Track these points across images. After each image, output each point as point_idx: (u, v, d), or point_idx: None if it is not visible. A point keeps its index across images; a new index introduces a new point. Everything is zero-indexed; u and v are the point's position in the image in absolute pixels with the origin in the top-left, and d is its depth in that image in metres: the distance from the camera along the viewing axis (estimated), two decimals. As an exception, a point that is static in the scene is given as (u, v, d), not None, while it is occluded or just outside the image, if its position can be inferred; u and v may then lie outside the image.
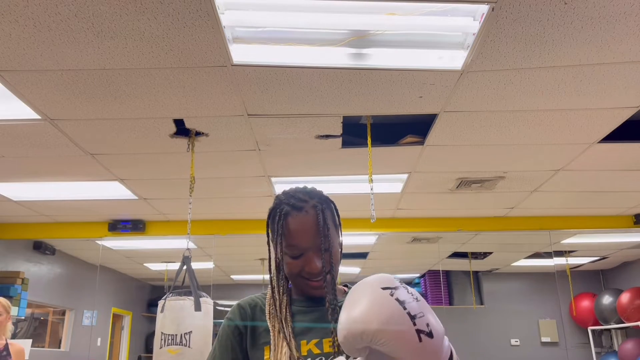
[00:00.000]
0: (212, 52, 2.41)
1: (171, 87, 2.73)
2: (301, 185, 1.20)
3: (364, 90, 2.79)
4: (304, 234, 1.10)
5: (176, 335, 2.61)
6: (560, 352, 7.74)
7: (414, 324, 0.86)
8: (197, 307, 2.68)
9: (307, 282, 1.12)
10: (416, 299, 0.90)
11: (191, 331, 2.62)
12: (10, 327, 3.36)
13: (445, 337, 0.91)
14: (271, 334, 1.11)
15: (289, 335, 1.09)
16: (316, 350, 1.08)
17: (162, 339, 2.64)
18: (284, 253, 1.12)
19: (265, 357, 1.10)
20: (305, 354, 1.08)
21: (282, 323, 1.11)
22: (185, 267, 2.96)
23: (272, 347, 1.09)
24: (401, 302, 0.88)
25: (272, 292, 1.16)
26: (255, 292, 1.25)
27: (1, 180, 4.13)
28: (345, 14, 2.25)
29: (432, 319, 0.89)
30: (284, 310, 1.13)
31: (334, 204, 1.19)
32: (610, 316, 7.15)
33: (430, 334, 0.87)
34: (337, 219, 1.18)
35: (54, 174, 4.02)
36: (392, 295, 0.89)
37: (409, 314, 0.86)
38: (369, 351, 0.89)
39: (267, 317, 1.14)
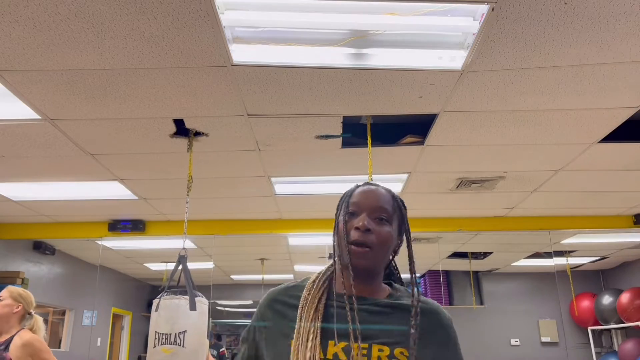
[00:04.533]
0: (212, 52, 2.41)
1: (171, 87, 2.73)
2: None
3: (364, 90, 2.79)
4: (366, 198, 1.12)
5: (170, 334, 2.59)
6: (560, 352, 7.74)
7: None
8: (192, 307, 2.66)
9: (351, 247, 1.07)
10: None
11: (185, 331, 2.60)
12: (37, 324, 2.99)
13: None
14: (297, 325, 1.05)
15: (317, 330, 1.03)
16: (342, 356, 1.01)
17: (156, 338, 2.61)
18: (345, 212, 1.12)
19: (291, 354, 1.04)
20: (331, 357, 1.01)
21: (313, 312, 1.06)
22: (180, 267, 2.95)
23: (295, 340, 1.04)
24: None
25: (319, 274, 1.15)
26: (255, 292, 1.24)
27: (1, 180, 4.13)
28: (345, 14, 2.25)
29: None
30: (319, 296, 1.10)
31: (405, 208, 1.19)
32: (610, 316, 7.15)
33: None
34: (405, 221, 1.17)
35: (54, 174, 4.02)
36: None
37: None
38: None
39: (301, 303, 1.09)
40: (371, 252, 1.07)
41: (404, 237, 1.17)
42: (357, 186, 1.17)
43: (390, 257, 1.17)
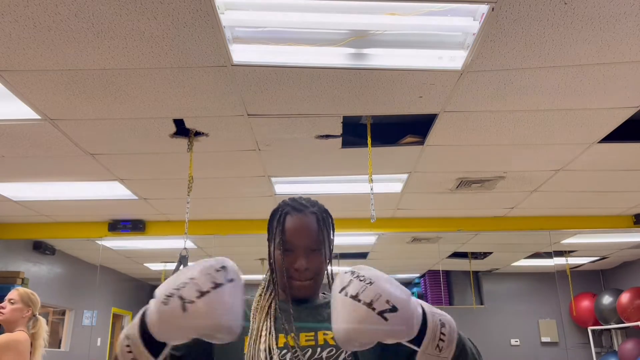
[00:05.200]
0: (212, 52, 2.41)
1: (171, 87, 2.73)
2: (305, 196, 1.31)
3: (364, 90, 2.79)
4: (298, 233, 1.19)
5: None
6: (560, 352, 7.74)
7: (374, 309, 0.90)
8: None
9: (292, 281, 1.19)
10: (369, 282, 0.93)
11: None
12: (41, 325, 3.05)
13: (412, 298, 0.96)
14: (251, 325, 1.17)
15: (270, 327, 1.16)
16: (292, 343, 1.15)
17: None
18: (278, 248, 1.20)
19: (244, 349, 1.16)
20: (282, 345, 1.14)
21: (265, 316, 1.19)
22: (182, 267, 2.96)
23: (249, 337, 1.16)
24: (355, 297, 0.92)
25: (263, 288, 1.26)
26: (255, 292, 1.29)
27: (1, 180, 4.13)
28: (345, 14, 2.25)
29: (391, 292, 0.92)
30: (268, 304, 1.22)
31: (331, 219, 1.28)
32: (610, 316, 7.15)
33: (393, 309, 0.90)
34: (331, 231, 1.27)
35: (54, 174, 4.02)
36: (346, 294, 0.93)
37: (365, 303, 0.91)
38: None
39: (252, 310, 1.22)
40: (311, 282, 1.20)
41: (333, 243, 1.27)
42: (285, 213, 1.22)
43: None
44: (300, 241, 1.19)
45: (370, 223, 3.65)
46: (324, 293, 1.33)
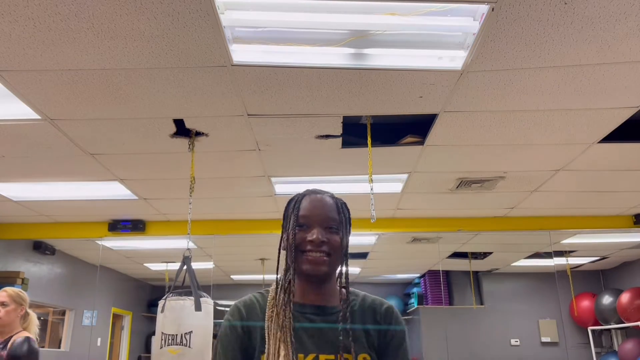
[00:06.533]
0: (212, 52, 2.41)
1: (171, 87, 2.73)
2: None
3: (364, 90, 2.79)
4: (314, 209, 1.18)
5: (176, 335, 2.62)
6: (560, 352, 7.73)
7: None
8: (198, 307, 2.68)
9: (307, 256, 1.13)
10: None
11: (191, 331, 2.63)
12: (32, 320, 3.07)
13: None
14: (267, 341, 1.09)
15: (288, 346, 1.07)
16: None
17: (162, 339, 2.64)
18: (294, 225, 1.16)
19: None
20: None
21: (281, 331, 1.09)
22: (185, 267, 2.97)
23: (266, 355, 1.08)
24: None
25: (277, 290, 1.17)
26: (254, 293, 1.23)
27: (1, 180, 4.13)
28: (345, 14, 2.25)
29: None
30: (284, 314, 1.11)
31: (349, 212, 1.27)
32: (610, 316, 7.15)
33: None
34: (349, 223, 1.25)
35: (54, 174, 4.02)
36: None
37: None
38: None
39: (267, 319, 1.12)
40: (328, 259, 1.14)
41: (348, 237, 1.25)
42: (302, 196, 1.22)
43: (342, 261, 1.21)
44: (316, 217, 1.16)
45: (370, 223, 3.65)
46: (344, 287, 1.21)
